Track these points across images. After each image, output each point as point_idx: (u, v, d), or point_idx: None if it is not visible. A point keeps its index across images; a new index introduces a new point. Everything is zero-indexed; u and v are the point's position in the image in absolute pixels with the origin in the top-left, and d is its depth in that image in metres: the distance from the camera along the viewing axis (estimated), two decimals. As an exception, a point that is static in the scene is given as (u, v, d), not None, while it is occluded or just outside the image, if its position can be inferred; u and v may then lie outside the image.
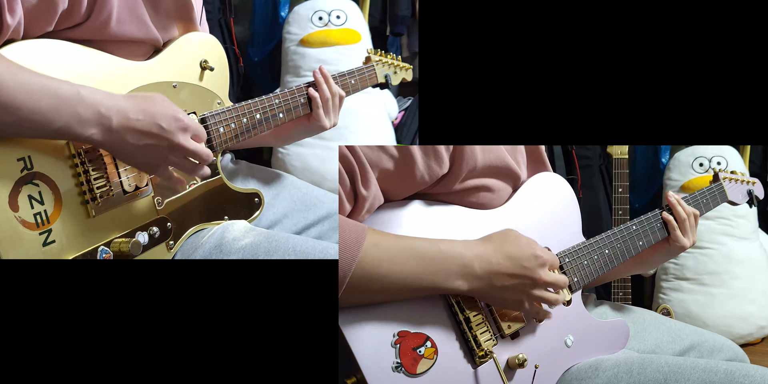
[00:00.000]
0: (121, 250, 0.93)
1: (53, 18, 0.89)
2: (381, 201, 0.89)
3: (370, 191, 0.85)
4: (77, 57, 0.92)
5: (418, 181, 0.90)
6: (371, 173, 0.86)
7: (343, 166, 0.84)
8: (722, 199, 1.40)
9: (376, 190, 0.87)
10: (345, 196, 0.84)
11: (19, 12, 0.84)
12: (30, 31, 0.89)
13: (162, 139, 0.90)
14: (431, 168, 0.90)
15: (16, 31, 0.86)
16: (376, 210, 0.89)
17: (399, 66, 1.55)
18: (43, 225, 0.85)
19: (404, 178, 0.89)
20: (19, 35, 0.87)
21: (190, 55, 1.11)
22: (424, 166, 0.89)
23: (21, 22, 0.86)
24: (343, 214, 0.84)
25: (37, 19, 0.88)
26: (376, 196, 0.87)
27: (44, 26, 0.90)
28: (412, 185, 0.90)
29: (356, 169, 0.85)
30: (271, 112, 1.19)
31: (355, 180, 0.85)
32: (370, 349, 0.79)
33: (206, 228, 1.08)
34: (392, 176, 0.88)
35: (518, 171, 1.02)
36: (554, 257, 0.92)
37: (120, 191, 0.95)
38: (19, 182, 0.83)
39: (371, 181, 0.86)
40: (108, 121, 0.86)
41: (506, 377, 0.89)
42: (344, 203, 0.84)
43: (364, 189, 0.85)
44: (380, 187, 0.88)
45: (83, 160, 0.90)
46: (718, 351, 1.22)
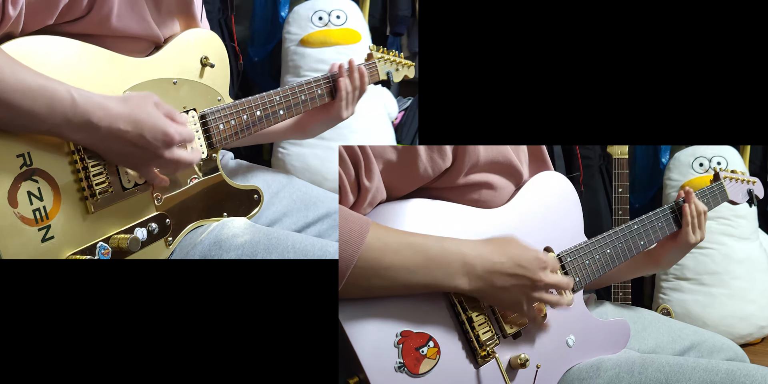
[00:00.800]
0: (120, 246, 0.93)
1: (55, 10, 0.89)
2: (383, 195, 0.89)
3: (373, 183, 0.86)
4: (77, 53, 0.92)
5: (422, 175, 0.90)
6: (375, 165, 0.86)
7: (349, 156, 0.85)
8: (723, 199, 1.40)
9: (378, 183, 0.87)
10: (348, 188, 0.85)
11: (21, 3, 0.85)
12: (31, 23, 0.89)
13: (146, 150, 0.92)
14: (434, 161, 0.90)
15: (16, 22, 0.86)
16: (377, 207, 0.89)
17: (401, 63, 1.54)
18: (42, 221, 0.85)
19: (408, 171, 0.89)
20: (19, 27, 0.87)
21: (191, 52, 1.11)
22: (427, 158, 0.89)
23: (22, 13, 0.86)
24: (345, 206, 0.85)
25: (39, 10, 0.88)
26: (378, 189, 0.87)
27: (45, 19, 0.90)
28: (416, 179, 0.91)
29: (361, 160, 0.85)
30: (271, 109, 1.19)
31: (359, 171, 0.85)
32: (373, 349, 0.79)
33: (205, 224, 1.08)
34: (396, 169, 0.88)
35: (520, 168, 1.02)
36: (555, 260, 0.92)
37: (119, 187, 0.95)
38: (18, 178, 0.83)
39: (375, 173, 0.86)
40: (96, 129, 0.87)
41: (508, 377, 0.89)
42: (347, 194, 0.85)
43: (368, 180, 0.85)
44: (384, 181, 0.88)
45: (82, 157, 0.90)
46: (718, 351, 1.22)
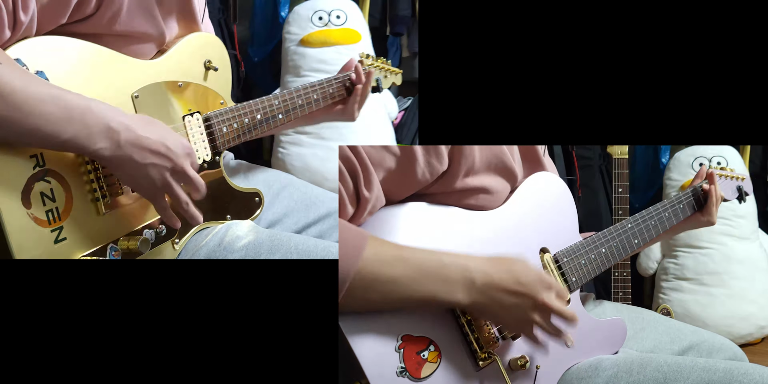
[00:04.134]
0: (130, 248, 0.94)
1: (67, 10, 0.90)
2: (383, 202, 0.89)
3: (372, 193, 0.85)
4: (86, 55, 0.92)
5: (419, 180, 0.90)
6: (374, 174, 0.85)
7: (346, 167, 0.84)
8: None
9: (378, 192, 0.86)
10: (347, 199, 0.84)
11: (32, 8, 0.85)
12: (44, 25, 0.89)
13: (167, 159, 0.90)
14: (431, 165, 0.90)
15: (29, 27, 0.86)
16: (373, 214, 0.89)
17: (389, 70, 1.58)
18: (55, 222, 0.85)
19: (406, 177, 0.89)
20: (33, 31, 0.87)
21: (195, 55, 1.11)
22: (424, 163, 0.89)
23: (35, 18, 0.86)
24: (344, 217, 0.84)
25: (52, 12, 0.89)
26: (378, 198, 0.87)
27: (58, 19, 0.90)
28: (413, 184, 0.90)
29: (359, 170, 0.84)
30: (271, 113, 1.20)
31: (357, 181, 0.84)
32: (374, 355, 0.79)
33: (210, 227, 1.09)
34: (394, 175, 0.88)
35: (515, 169, 1.02)
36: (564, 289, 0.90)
37: (129, 189, 0.95)
38: (31, 179, 0.83)
39: (374, 183, 0.85)
40: (117, 135, 0.86)
41: (509, 379, 0.89)
42: (346, 206, 0.84)
43: (367, 191, 0.85)
44: (382, 188, 0.88)
45: None
46: (717, 351, 1.22)
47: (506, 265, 0.85)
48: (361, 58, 1.49)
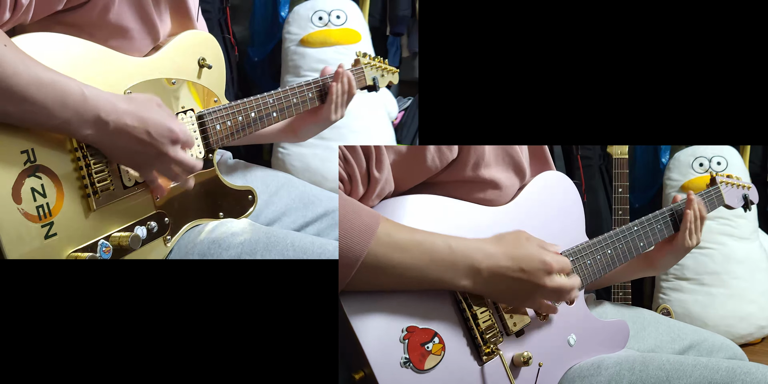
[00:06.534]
0: (121, 244, 0.94)
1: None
2: (391, 187, 0.90)
3: (383, 174, 0.87)
4: (80, 51, 0.93)
5: (429, 165, 0.91)
6: (386, 155, 0.87)
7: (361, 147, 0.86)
8: (719, 203, 1.42)
9: (388, 174, 0.88)
10: (360, 178, 0.86)
11: None
12: (40, 10, 0.90)
13: (151, 147, 0.93)
14: (442, 151, 0.91)
15: (27, 10, 0.88)
16: (381, 203, 0.90)
17: (386, 69, 1.57)
18: (45, 218, 0.86)
19: (416, 162, 0.90)
20: (29, 15, 0.89)
21: (189, 53, 1.11)
22: (435, 149, 0.91)
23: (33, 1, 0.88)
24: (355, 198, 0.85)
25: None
26: (387, 180, 0.88)
27: (55, 5, 0.91)
28: (423, 170, 0.91)
29: (372, 151, 0.86)
30: (265, 111, 1.20)
31: (370, 161, 0.86)
32: (379, 344, 0.79)
33: (203, 223, 1.09)
34: (405, 160, 0.89)
35: (525, 166, 1.03)
36: (564, 261, 0.91)
37: (120, 185, 0.95)
38: (22, 174, 0.83)
39: (385, 164, 0.87)
40: (105, 125, 0.88)
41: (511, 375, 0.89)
42: (358, 186, 0.86)
43: (378, 171, 0.86)
44: (392, 173, 0.89)
45: (85, 154, 0.90)
46: (717, 350, 1.22)
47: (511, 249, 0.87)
48: (358, 56, 1.49)
